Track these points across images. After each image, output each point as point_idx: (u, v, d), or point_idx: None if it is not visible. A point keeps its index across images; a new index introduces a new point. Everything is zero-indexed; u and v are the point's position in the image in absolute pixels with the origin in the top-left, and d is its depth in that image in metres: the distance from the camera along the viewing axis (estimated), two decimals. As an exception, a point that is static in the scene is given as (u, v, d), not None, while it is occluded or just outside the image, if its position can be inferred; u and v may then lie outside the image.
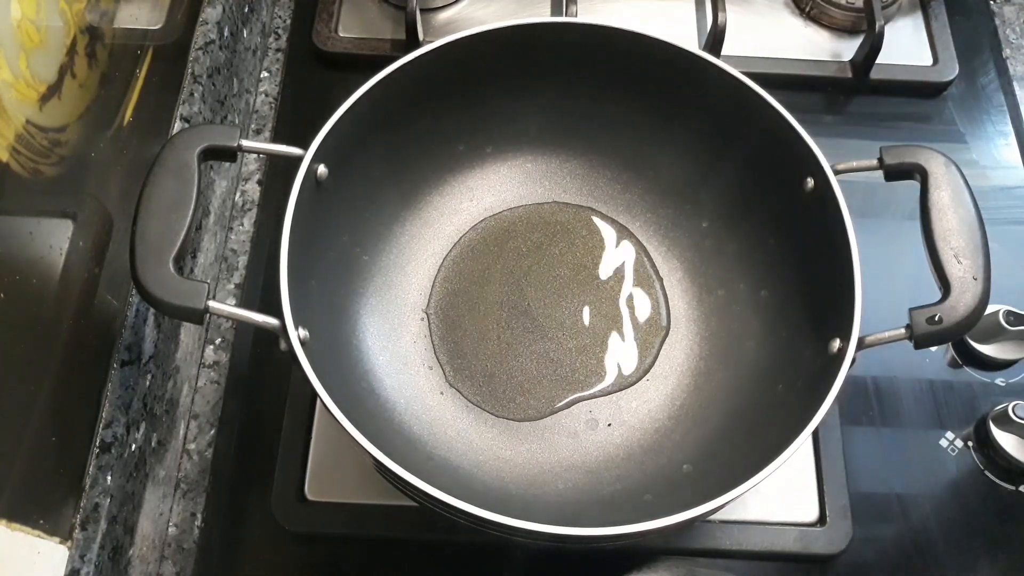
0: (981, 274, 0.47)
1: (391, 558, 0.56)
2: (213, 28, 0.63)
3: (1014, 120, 0.74)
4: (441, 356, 0.59)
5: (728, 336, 0.59)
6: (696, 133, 0.59)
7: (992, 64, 0.77)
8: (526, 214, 0.64)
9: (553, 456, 0.56)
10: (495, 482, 0.55)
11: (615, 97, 0.60)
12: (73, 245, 0.46)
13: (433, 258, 0.62)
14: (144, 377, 0.52)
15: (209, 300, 0.45)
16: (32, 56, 0.42)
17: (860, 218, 0.49)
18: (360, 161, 0.55)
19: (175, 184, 0.47)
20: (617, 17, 0.75)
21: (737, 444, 0.52)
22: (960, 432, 0.60)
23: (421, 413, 0.57)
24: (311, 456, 0.57)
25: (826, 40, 0.76)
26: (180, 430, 0.59)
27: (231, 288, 0.65)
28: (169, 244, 0.45)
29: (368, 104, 0.52)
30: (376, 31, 0.75)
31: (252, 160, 0.70)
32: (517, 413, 0.58)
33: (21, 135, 0.41)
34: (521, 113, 0.62)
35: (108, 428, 0.48)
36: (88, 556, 0.46)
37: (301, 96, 0.74)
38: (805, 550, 0.55)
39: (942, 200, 0.49)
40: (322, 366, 0.45)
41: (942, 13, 0.77)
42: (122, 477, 0.49)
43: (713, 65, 0.54)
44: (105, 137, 0.50)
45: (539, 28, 0.57)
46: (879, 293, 0.50)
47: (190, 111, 0.59)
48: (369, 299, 0.59)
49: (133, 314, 0.52)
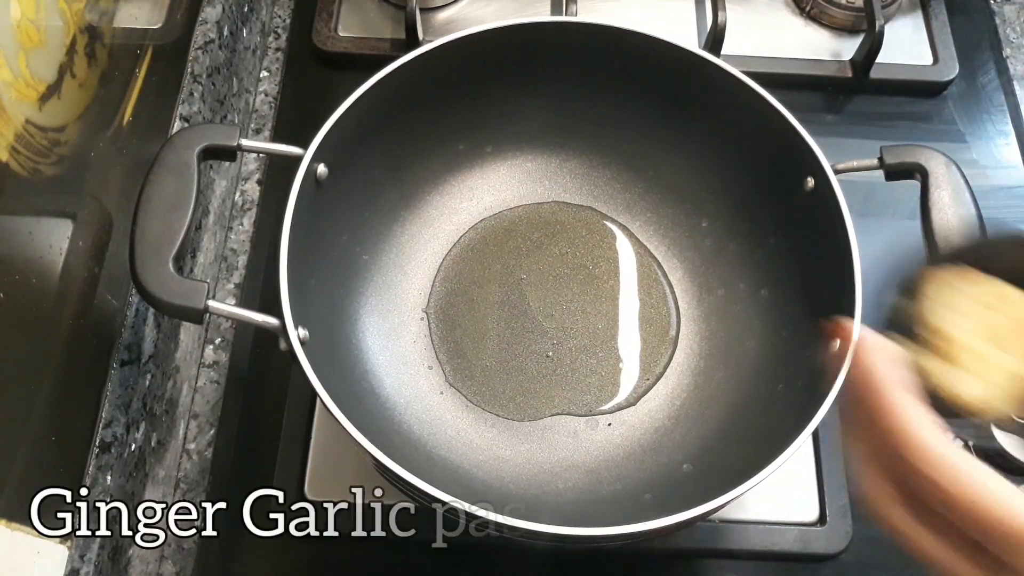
0: (981, 274, 0.47)
1: (391, 558, 0.56)
2: (213, 27, 0.63)
3: (1014, 119, 0.74)
4: (441, 356, 0.59)
5: (728, 336, 0.59)
6: (696, 133, 0.59)
7: (992, 63, 0.77)
8: (526, 214, 0.64)
9: (553, 456, 0.56)
10: (495, 482, 0.55)
11: (615, 97, 0.60)
12: (73, 245, 0.46)
13: (433, 258, 0.62)
14: (144, 377, 0.52)
15: (209, 300, 0.45)
16: (32, 55, 0.42)
17: (860, 218, 0.49)
18: (360, 161, 0.55)
19: (175, 184, 0.47)
20: (617, 16, 0.75)
21: (737, 444, 0.52)
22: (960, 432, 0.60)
23: (421, 413, 0.57)
24: (311, 456, 0.57)
25: (826, 39, 0.76)
26: (180, 430, 0.59)
27: (231, 288, 0.65)
28: (169, 243, 0.45)
29: (368, 104, 0.52)
30: (376, 30, 0.75)
31: (252, 160, 0.70)
32: (517, 413, 0.58)
33: (21, 135, 0.41)
34: (521, 113, 0.62)
35: (108, 428, 0.48)
36: (88, 556, 0.46)
37: (301, 95, 0.74)
38: (805, 549, 0.55)
39: (942, 200, 0.49)
40: (322, 366, 0.45)
41: (942, 12, 0.77)
42: (122, 477, 0.49)
43: (713, 65, 0.54)
44: (105, 137, 0.50)
45: (539, 28, 0.57)
46: (879, 293, 0.50)
47: (190, 110, 0.59)
48: (369, 299, 0.59)
49: (133, 314, 0.52)
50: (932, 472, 0.27)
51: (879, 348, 0.31)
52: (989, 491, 0.27)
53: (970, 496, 0.27)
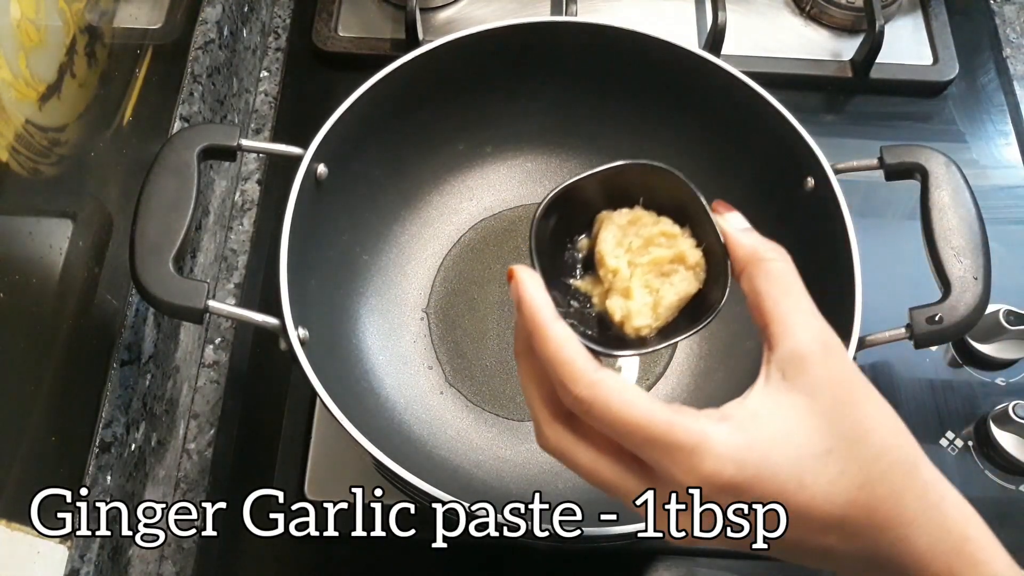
0: (981, 274, 0.47)
1: (391, 558, 0.56)
2: (213, 27, 0.63)
3: (1014, 119, 0.74)
4: (441, 356, 0.59)
5: (728, 336, 0.59)
6: (696, 132, 0.59)
7: (992, 63, 0.77)
8: (526, 214, 0.64)
9: (553, 456, 0.56)
10: (495, 481, 0.55)
11: (614, 97, 0.60)
12: (73, 245, 0.46)
13: (433, 258, 0.62)
14: (144, 377, 0.52)
15: (209, 299, 0.45)
16: (32, 55, 0.42)
17: (860, 218, 0.49)
18: (360, 161, 0.55)
19: (175, 184, 0.47)
20: (617, 17, 0.75)
21: (737, 444, 0.52)
22: (960, 432, 0.60)
23: (421, 413, 0.57)
24: (311, 456, 0.57)
25: (826, 39, 0.76)
26: (180, 430, 0.59)
27: (231, 288, 0.65)
28: (169, 243, 0.45)
29: (368, 104, 0.52)
30: (376, 30, 0.75)
31: (252, 160, 0.70)
32: (517, 413, 0.58)
33: (21, 135, 0.41)
34: (521, 113, 0.62)
35: (108, 428, 0.48)
36: (88, 556, 0.46)
37: (301, 95, 0.74)
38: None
39: (942, 200, 0.49)
40: (322, 366, 0.45)
41: (942, 12, 0.77)
42: (122, 477, 0.49)
43: (713, 65, 0.54)
44: (105, 137, 0.50)
45: (539, 28, 0.57)
46: (879, 293, 0.50)
47: (190, 111, 0.59)
48: (369, 299, 0.59)
49: (133, 314, 0.52)
50: (586, 391, 0.30)
51: (536, 284, 0.34)
52: (627, 401, 0.30)
53: (614, 407, 0.30)
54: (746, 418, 0.30)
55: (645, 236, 0.36)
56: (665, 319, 0.36)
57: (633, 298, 0.36)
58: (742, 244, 0.35)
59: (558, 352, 0.31)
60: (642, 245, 0.36)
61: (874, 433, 0.30)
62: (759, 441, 0.29)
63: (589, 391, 0.30)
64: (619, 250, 0.36)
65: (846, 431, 0.30)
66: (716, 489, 0.29)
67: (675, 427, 0.29)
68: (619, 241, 0.36)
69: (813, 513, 0.29)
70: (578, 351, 0.31)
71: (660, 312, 0.36)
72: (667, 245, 0.36)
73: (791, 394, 0.30)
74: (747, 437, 0.29)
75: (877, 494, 0.29)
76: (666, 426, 0.29)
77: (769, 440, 0.29)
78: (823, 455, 0.29)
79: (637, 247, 0.36)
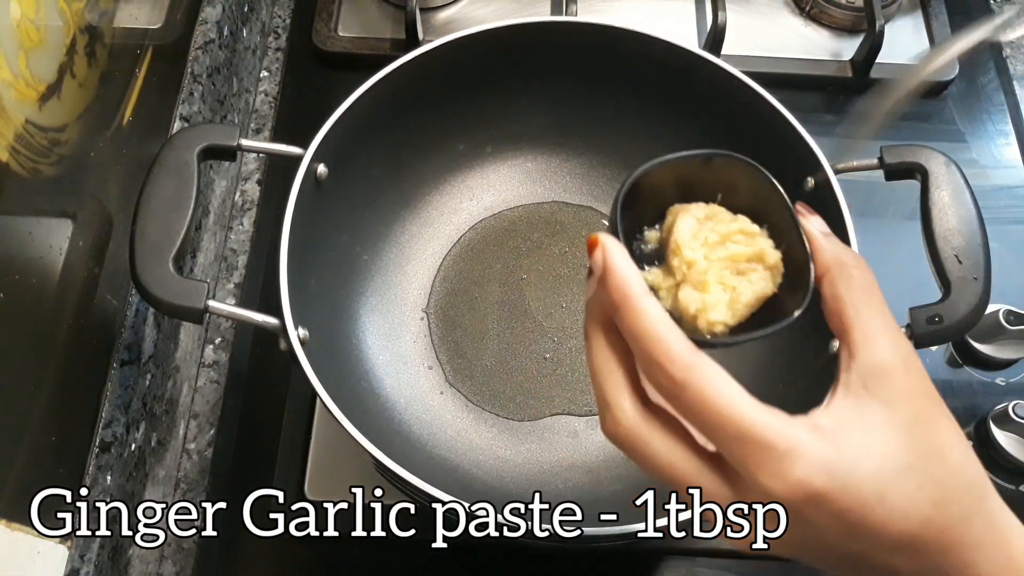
0: (981, 273, 0.47)
1: (391, 558, 0.56)
2: (213, 27, 0.63)
3: (1014, 119, 0.74)
4: (441, 356, 0.59)
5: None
6: (696, 132, 0.59)
7: (992, 64, 0.77)
8: (526, 214, 0.64)
9: (553, 456, 0.56)
10: (495, 481, 0.55)
11: (614, 97, 0.60)
12: (73, 245, 0.46)
13: (433, 258, 0.62)
14: (144, 377, 0.52)
15: (209, 299, 0.45)
16: (32, 55, 0.42)
17: (860, 218, 0.49)
18: (360, 161, 0.55)
19: (175, 184, 0.47)
20: (617, 16, 0.75)
21: (737, 444, 0.52)
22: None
23: (421, 413, 0.57)
24: (311, 456, 0.57)
25: (826, 39, 0.76)
26: (180, 430, 0.59)
27: (231, 288, 0.65)
28: (169, 243, 0.45)
29: (368, 103, 0.52)
30: (376, 30, 0.75)
31: (252, 160, 0.70)
32: (517, 413, 0.58)
33: (21, 135, 0.41)
34: (521, 113, 0.62)
35: (108, 428, 0.48)
36: (88, 556, 0.46)
37: (301, 95, 0.74)
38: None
39: (942, 199, 0.49)
40: (322, 366, 0.45)
41: (942, 12, 0.77)
42: (122, 477, 0.49)
43: (713, 65, 0.54)
44: (105, 137, 0.50)
45: (539, 28, 0.57)
46: (879, 293, 0.50)
47: (190, 110, 0.59)
48: (369, 299, 0.59)
49: (133, 314, 0.52)
50: (682, 374, 0.28)
51: (624, 254, 0.31)
52: (725, 391, 0.28)
53: (710, 394, 0.28)
54: (835, 427, 0.29)
55: (722, 232, 0.35)
56: (740, 317, 0.34)
57: (709, 291, 0.34)
58: (826, 248, 0.33)
59: (653, 328, 0.29)
60: (719, 240, 0.34)
61: (950, 452, 0.30)
62: (849, 451, 0.28)
63: (685, 374, 0.28)
64: (695, 242, 0.34)
65: (924, 448, 0.29)
66: (801, 497, 0.28)
67: (771, 427, 0.28)
68: (695, 234, 0.35)
69: (888, 528, 0.28)
70: (674, 329, 0.29)
71: (737, 309, 0.34)
72: (745, 243, 0.35)
73: (873, 405, 0.30)
74: (838, 447, 0.28)
75: (950, 514, 0.29)
76: (762, 424, 0.28)
77: (856, 451, 0.28)
78: (903, 470, 0.28)
79: (714, 242, 0.34)
